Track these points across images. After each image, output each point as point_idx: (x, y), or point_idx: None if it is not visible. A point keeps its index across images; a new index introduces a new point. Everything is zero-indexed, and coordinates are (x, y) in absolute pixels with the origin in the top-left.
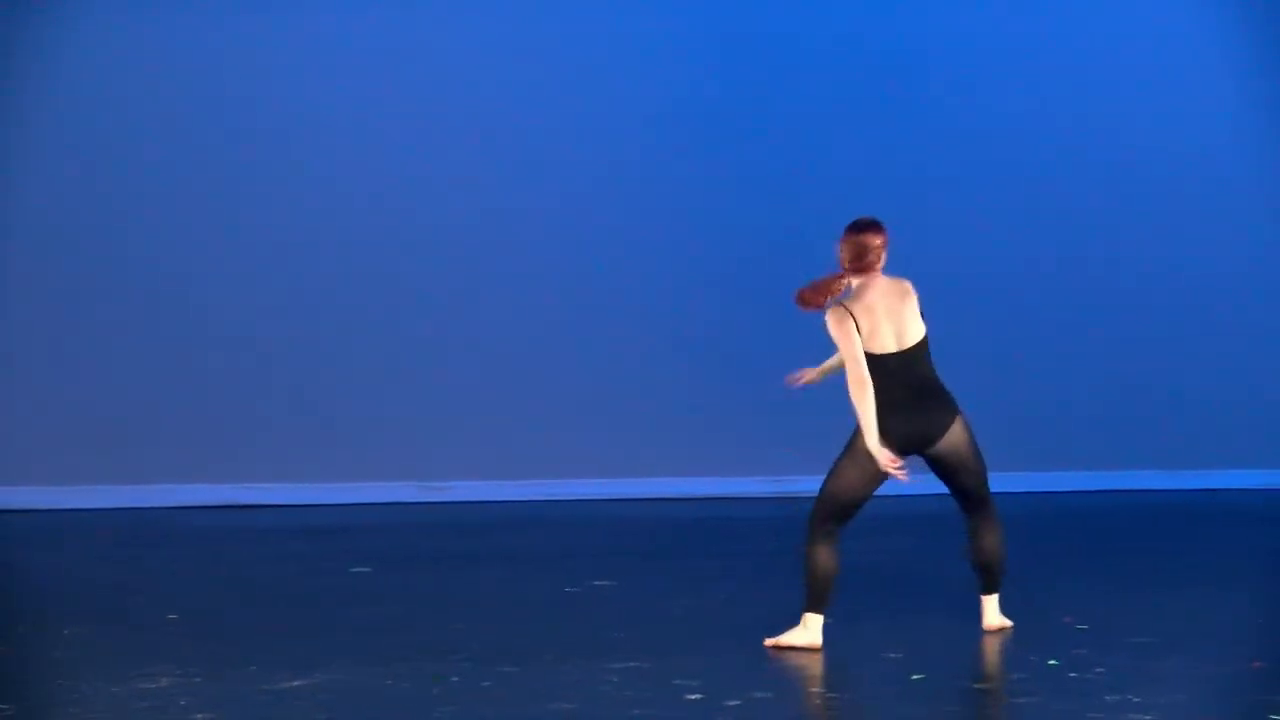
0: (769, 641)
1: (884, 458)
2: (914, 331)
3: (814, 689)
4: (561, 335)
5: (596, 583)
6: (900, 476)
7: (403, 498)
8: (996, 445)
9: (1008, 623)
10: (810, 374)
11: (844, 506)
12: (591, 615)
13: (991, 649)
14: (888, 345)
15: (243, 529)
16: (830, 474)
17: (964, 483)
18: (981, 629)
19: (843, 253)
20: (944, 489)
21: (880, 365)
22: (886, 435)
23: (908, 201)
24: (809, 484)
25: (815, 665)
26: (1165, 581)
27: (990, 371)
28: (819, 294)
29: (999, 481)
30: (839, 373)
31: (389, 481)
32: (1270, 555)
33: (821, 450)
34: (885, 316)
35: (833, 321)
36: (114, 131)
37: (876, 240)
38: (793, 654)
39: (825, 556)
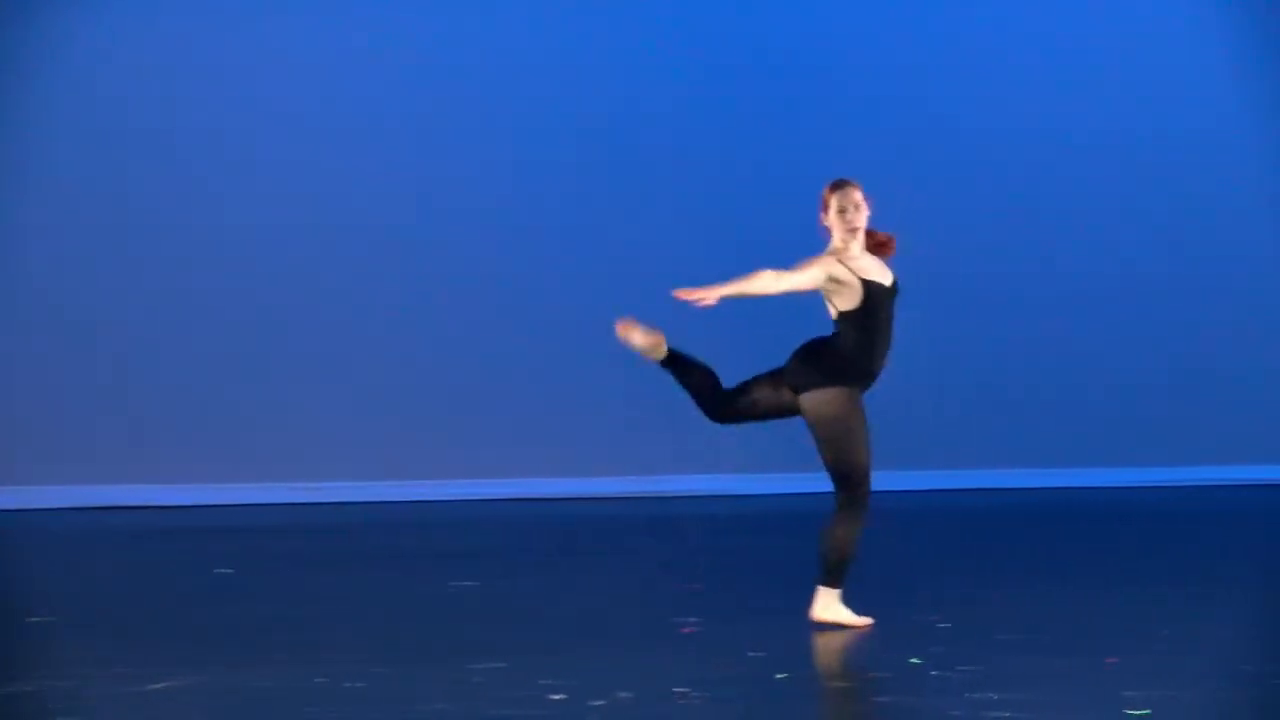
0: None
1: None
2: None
3: (677, 689)
4: (432, 335)
5: (464, 583)
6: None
7: (271, 499)
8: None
9: (836, 618)
10: (714, 293)
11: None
12: (458, 616)
13: (855, 648)
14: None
15: (105, 530)
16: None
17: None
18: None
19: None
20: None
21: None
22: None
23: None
24: (680, 483)
25: (679, 665)
26: (1028, 579)
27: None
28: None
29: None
30: (747, 298)
31: (257, 482)
32: (1135, 552)
33: (689, 451)
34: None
35: (822, 262)
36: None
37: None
38: (656, 654)
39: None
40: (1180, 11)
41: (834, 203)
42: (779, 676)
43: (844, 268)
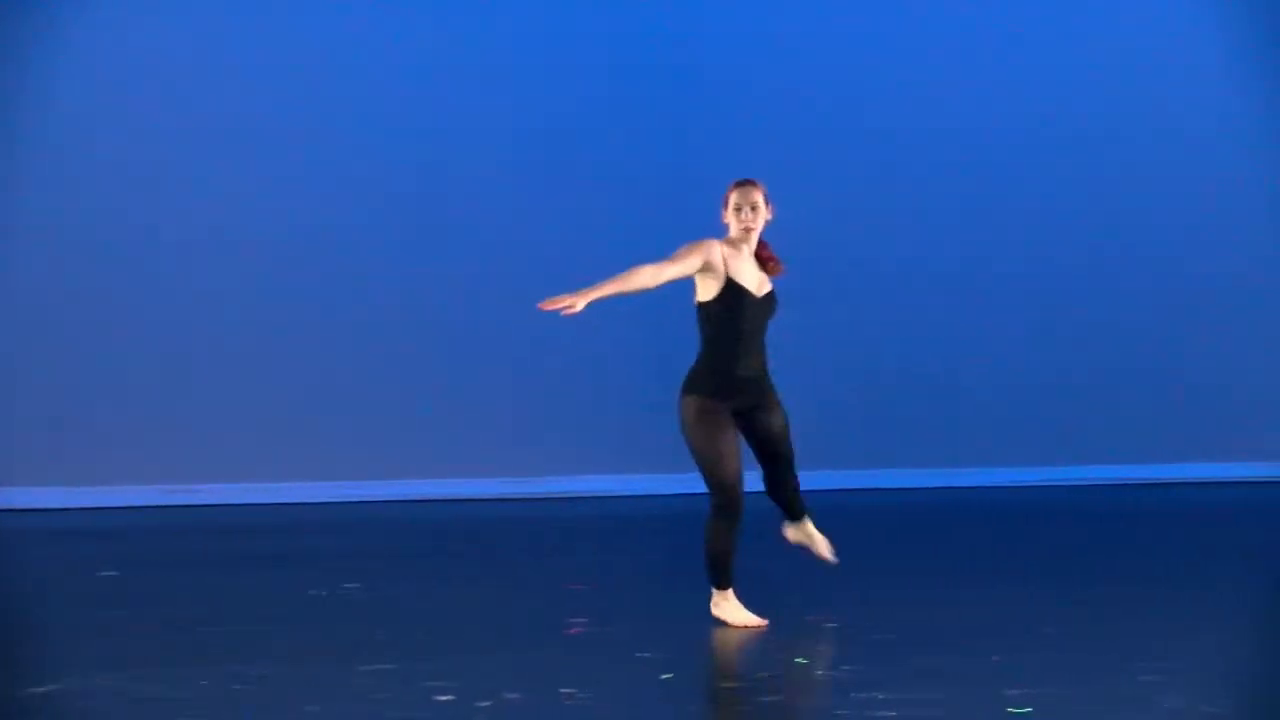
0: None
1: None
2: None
3: (564, 689)
4: (307, 338)
5: (346, 585)
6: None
7: (148, 501)
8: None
9: (724, 617)
10: (583, 298)
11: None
12: (341, 617)
13: (742, 649)
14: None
15: None
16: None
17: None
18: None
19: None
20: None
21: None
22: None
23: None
24: (562, 485)
25: (566, 666)
26: (916, 579)
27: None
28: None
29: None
30: (616, 296)
31: (133, 485)
32: (1028, 551)
33: (573, 452)
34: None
35: (702, 246)
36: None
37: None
38: (545, 655)
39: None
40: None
41: (732, 199)
42: (665, 677)
43: (719, 255)
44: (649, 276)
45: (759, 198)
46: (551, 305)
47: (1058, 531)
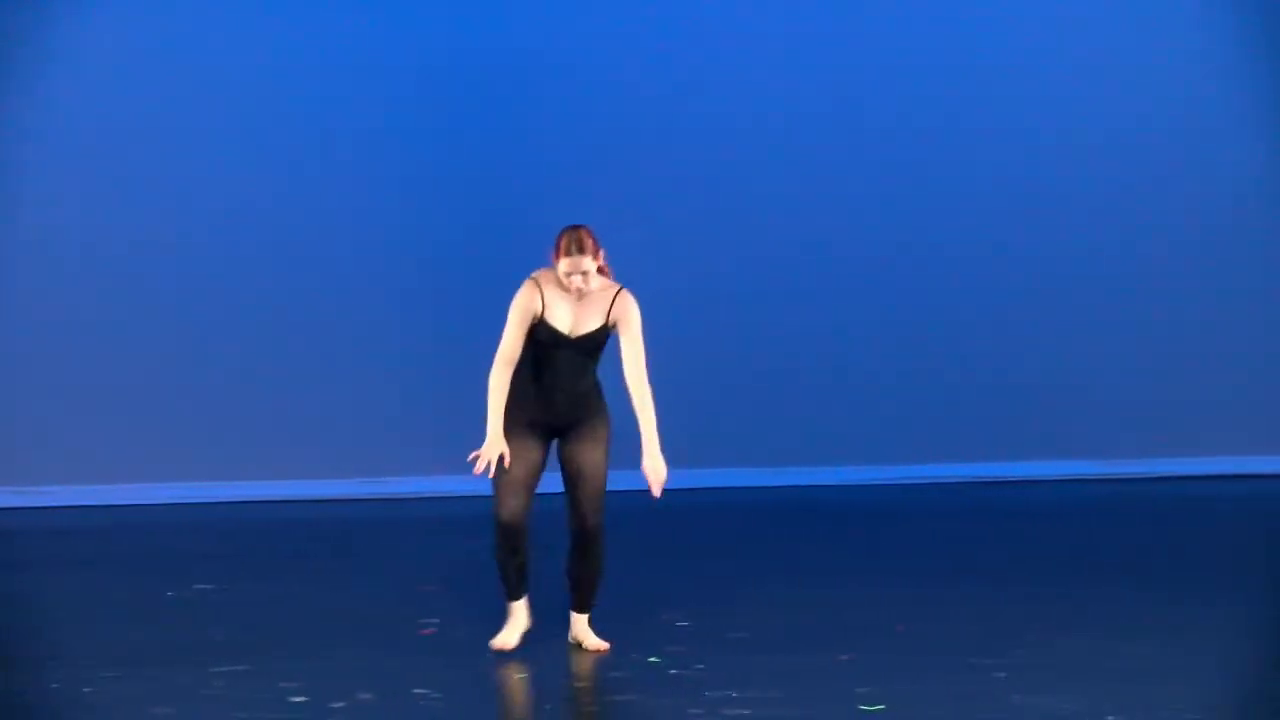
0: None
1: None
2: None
3: (418, 690)
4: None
5: (199, 586)
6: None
7: None
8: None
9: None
10: (495, 444)
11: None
12: (194, 619)
13: (596, 648)
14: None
15: None
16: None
17: None
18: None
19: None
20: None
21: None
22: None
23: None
24: (416, 486)
25: (419, 666)
26: (763, 577)
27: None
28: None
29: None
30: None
31: None
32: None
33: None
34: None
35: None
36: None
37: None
38: (398, 656)
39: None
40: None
41: (562, 266)
42: (519, 677)
43: (539, 302)
44: (506, 365)
45: (588, 263)
46: (482, 463)
47: (918, 530)
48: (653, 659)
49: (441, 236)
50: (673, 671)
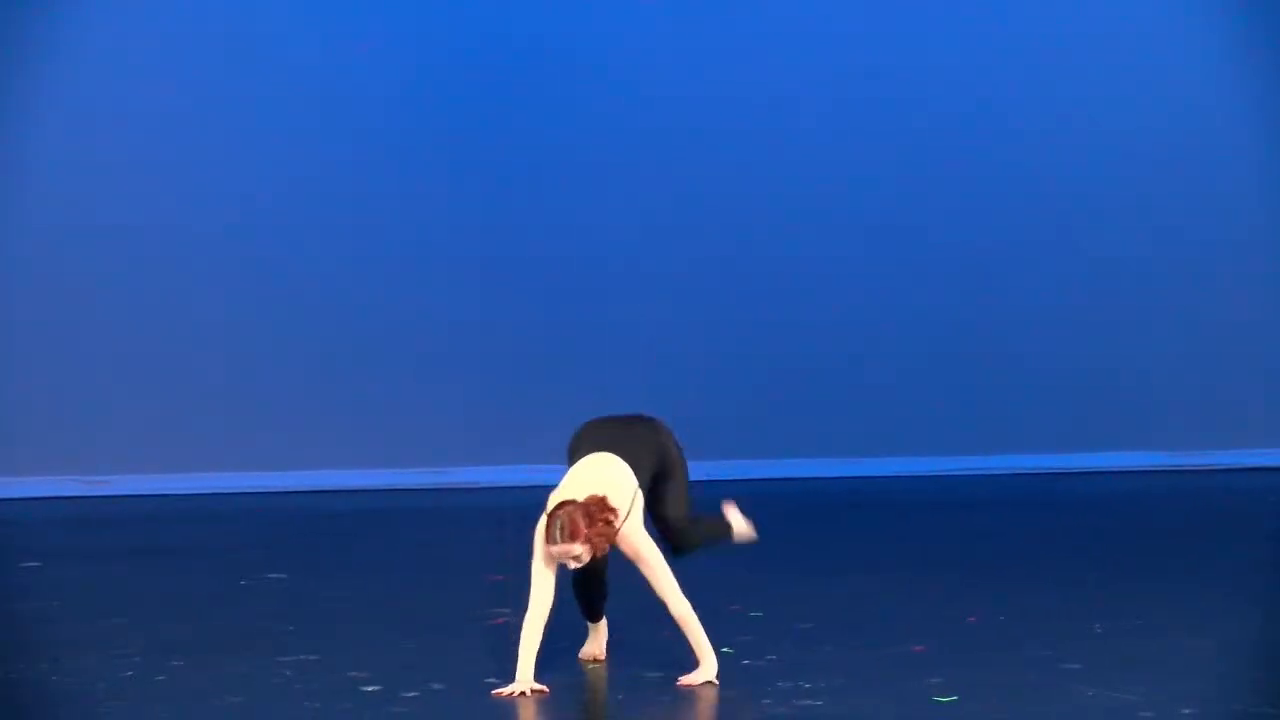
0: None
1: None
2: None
3: (488, 680)
4: (215, 329)
5: (269, 575)
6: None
7: (64, 492)
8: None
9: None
10: (523, 683)
11: None
12: (264, 608)
13: (670, 638)
14: None
15: None
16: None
17: None
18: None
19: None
20: None
21: None
22: None
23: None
24: (469, 474)
25: (491, 656)
26: (834, 568)
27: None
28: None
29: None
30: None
31: (50, 475)
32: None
33: (474, 441)
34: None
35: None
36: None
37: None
38: (469, 646)
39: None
40: None
41: (551, 550)
42: (591, 666)
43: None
44: (539, 616)
45: (577, 549)
46: (507, 694)
47: (983, 522)
48: (725, 649)
49: (486, 223)
50: (745, 662)
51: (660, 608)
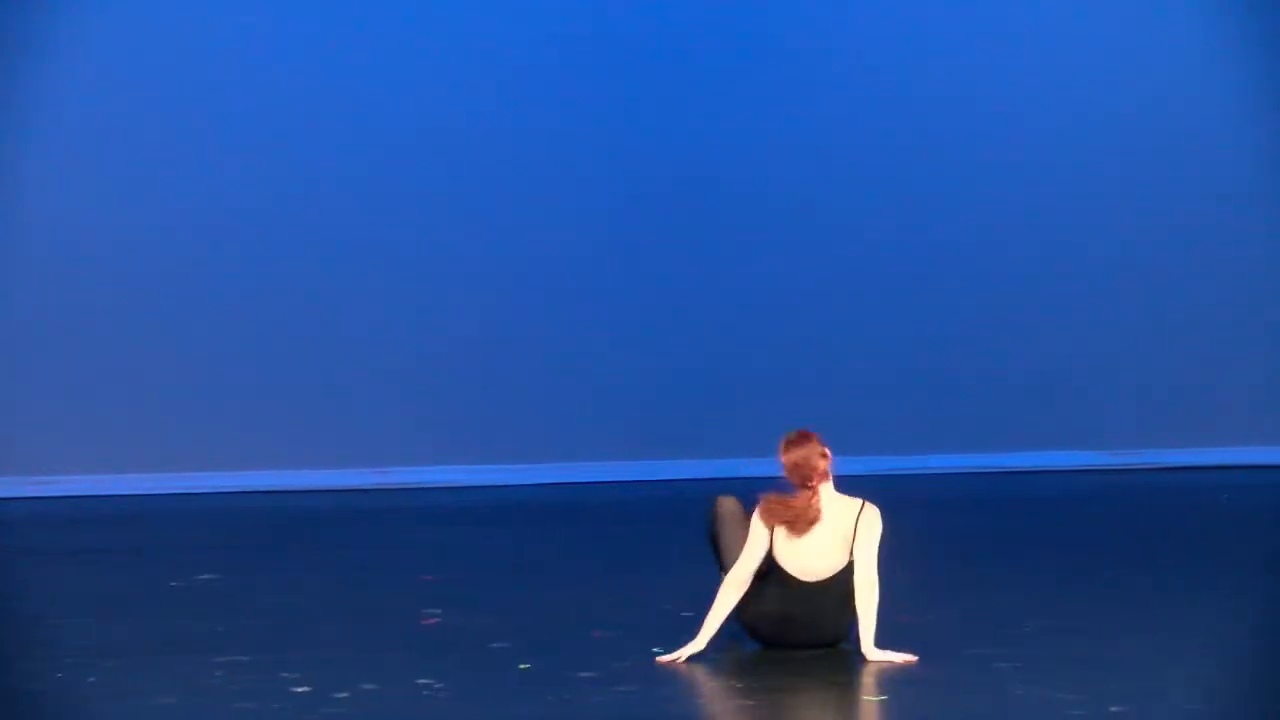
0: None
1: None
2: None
3: (420, 680)
4: (152, 331)
5: (200, 577)
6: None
7: (1, 493)
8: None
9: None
10: (687, 650)
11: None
12: (195, 609)
13: (599, 638)
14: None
15: None
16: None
17: None
18: None
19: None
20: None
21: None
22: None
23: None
24: (408, 475)
25: (422, 657)
26: None
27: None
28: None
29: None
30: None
31: None
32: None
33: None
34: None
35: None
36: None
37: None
38: (401, 646)
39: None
40: None
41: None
42: (523, 667)
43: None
44: (732, 591)
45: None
46: (671, 659)
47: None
48: (656, 650)
49: (446, 235)
50: (686, 663)
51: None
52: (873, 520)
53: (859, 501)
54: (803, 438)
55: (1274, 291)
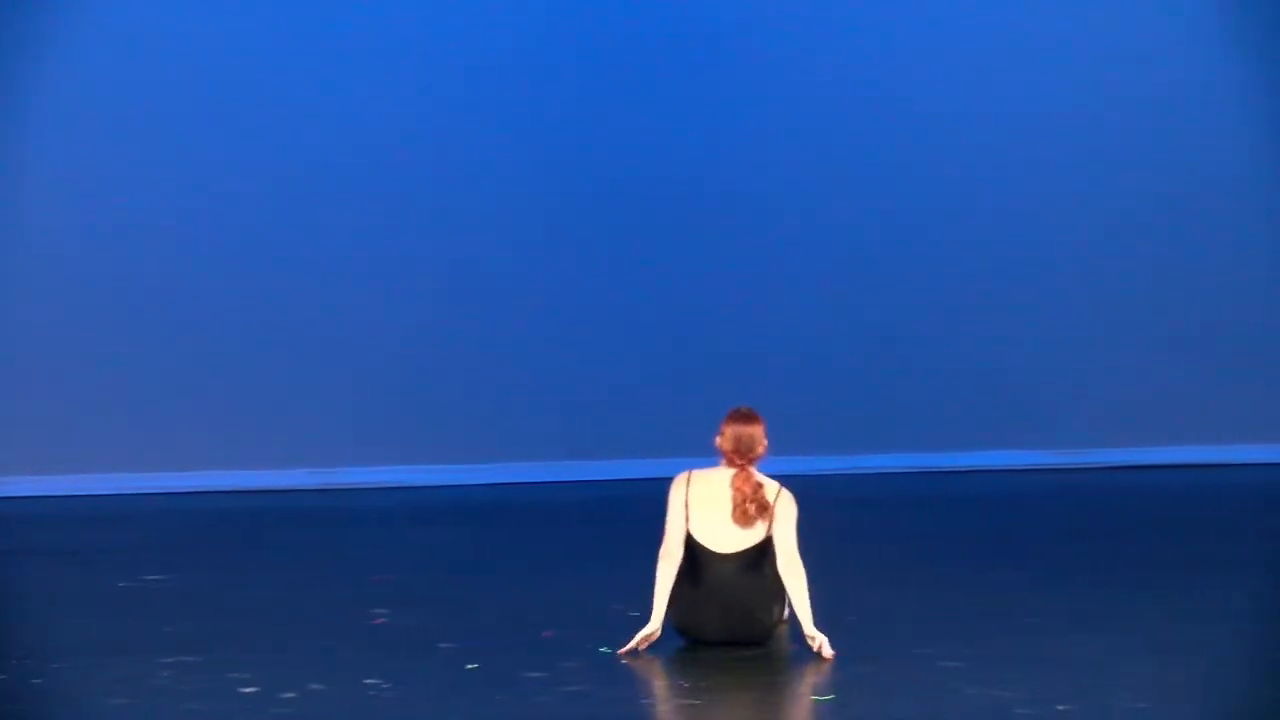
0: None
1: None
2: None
3: (368, 680)
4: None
5: (146, 577)
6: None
7: None
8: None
9: None
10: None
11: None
12: (142, 610)
13: (547, 638)
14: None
15: None
16: None
17: None
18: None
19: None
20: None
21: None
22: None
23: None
24: (356, 475)
25: (370, 657)
26: None
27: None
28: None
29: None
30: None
31: None
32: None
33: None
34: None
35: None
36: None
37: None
38: (349, 646)
39: None
40: None
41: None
42: (470, 667)
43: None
44: (667, 568)
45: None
46: (629, 649)
47: (872, 520)
48: (603, 649)
49: (390, 236)
50: (624, 663)
51: None
52: (788, 504)
53: (776, 485)
54: (753, 416)
55: (1216, 292)
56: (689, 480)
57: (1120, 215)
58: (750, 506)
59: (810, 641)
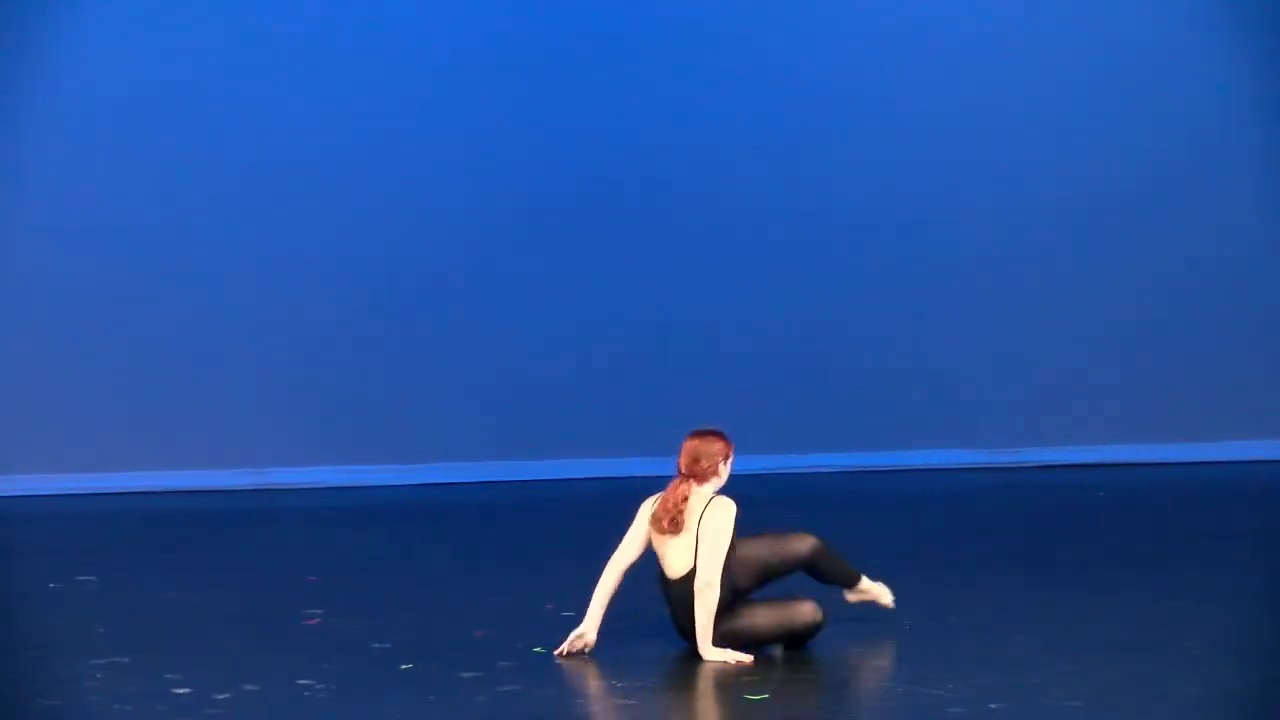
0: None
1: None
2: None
3: (301, 681)
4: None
5: (78, 578)
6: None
7: None
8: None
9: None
10: (590, 628)
11: None
12: (74, 611)
13: (481, 638)
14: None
15: None
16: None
17: None
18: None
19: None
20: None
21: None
22: None
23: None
24: (289, 476)
25: (303, 658)
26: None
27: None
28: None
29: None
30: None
31: None
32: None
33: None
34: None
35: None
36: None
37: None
38: (281, 647)
39: None
40: None
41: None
42: (404, 667)
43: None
44: (618, 563)
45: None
46: (569, 649)
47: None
48: (537, 649)
49: (319, 233)
50: (558, 662)
51: None
52: (714, 515)
53: (709, 501)
54: (712, 434)
55: (1151, 289)
56: (655, 499)
57: (1054, 214)
58: (664, 520)
59: (706, 659)
